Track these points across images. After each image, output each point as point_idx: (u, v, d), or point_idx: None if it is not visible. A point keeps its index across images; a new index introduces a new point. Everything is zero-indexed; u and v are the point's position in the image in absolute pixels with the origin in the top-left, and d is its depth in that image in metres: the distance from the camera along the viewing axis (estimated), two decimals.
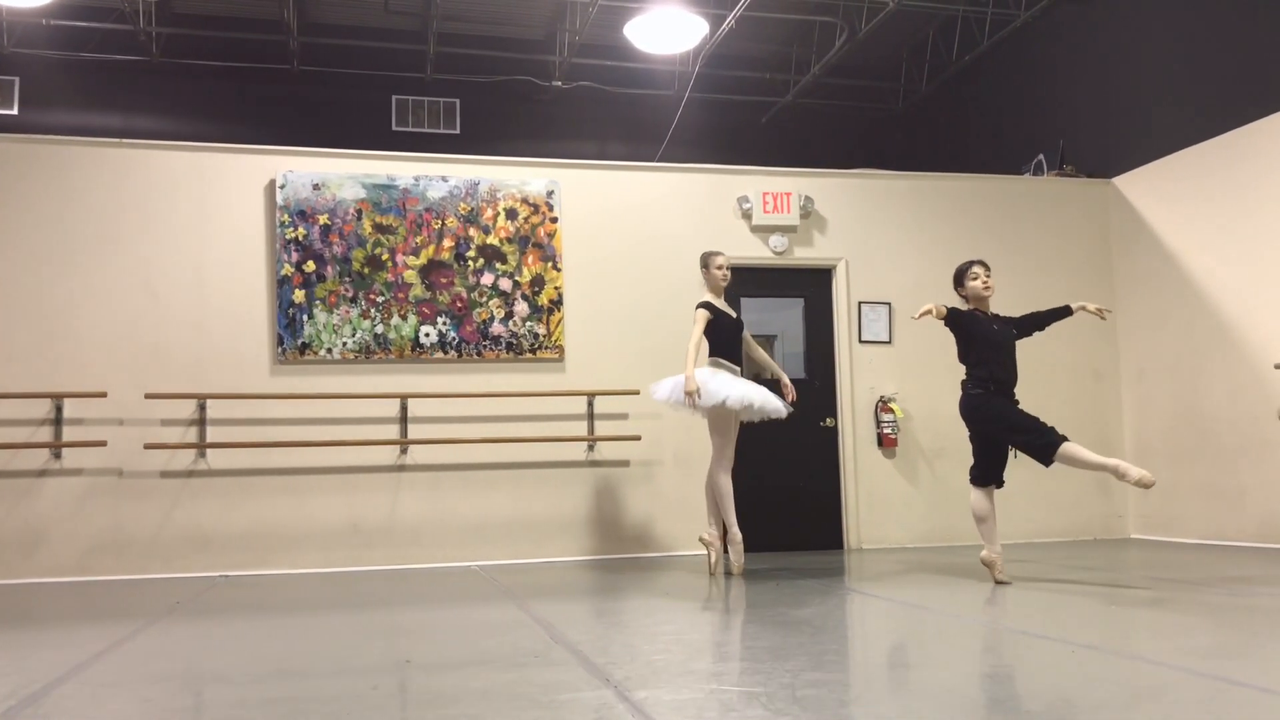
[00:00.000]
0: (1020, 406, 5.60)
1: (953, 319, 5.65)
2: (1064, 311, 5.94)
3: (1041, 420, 5.47)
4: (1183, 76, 8.30)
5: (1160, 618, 4.51)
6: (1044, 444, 5.39)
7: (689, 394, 5.95)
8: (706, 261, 6.52)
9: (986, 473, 5.64)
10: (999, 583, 5.52)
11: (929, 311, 5.51)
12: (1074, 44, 9.63)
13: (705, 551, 6.47)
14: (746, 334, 6.58)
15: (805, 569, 6.57)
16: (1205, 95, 8.06)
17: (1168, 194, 8.25)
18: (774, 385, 6.40)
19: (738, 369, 6.35)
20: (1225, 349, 7.66)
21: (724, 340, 6.33)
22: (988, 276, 5.79)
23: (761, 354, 6.80)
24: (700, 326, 6.21)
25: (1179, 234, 8.15)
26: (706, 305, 6.32)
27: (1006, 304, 8.20)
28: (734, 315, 6.48)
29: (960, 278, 5.85)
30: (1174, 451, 8.09)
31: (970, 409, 5.67)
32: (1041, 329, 5.95)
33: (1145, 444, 8.38)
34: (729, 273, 6.52)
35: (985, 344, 5.64)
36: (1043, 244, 8.60)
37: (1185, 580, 5.64)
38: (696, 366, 6.10)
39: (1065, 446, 5.35)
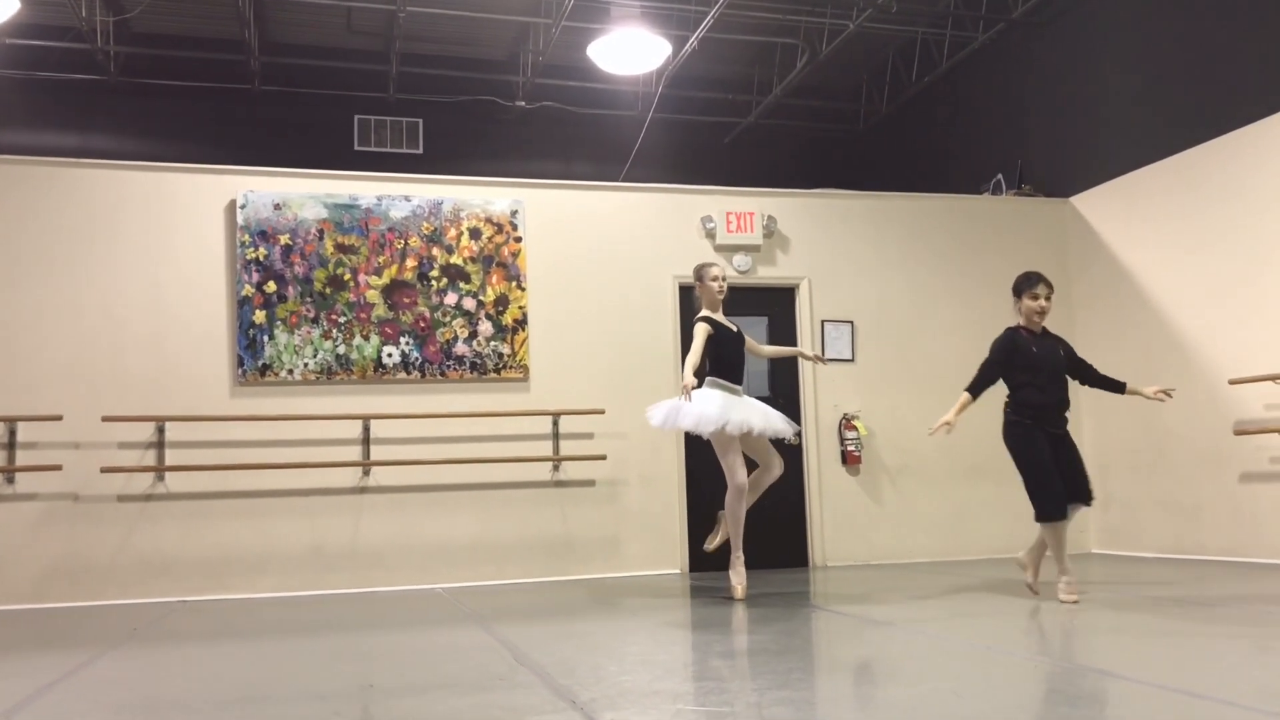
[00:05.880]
0: (1069, 442, 5.45)
1: (994, 354, 5.50)
2: (1118, 387, 5.67)
3: (1058, 485, 5.31)
4: (1137, 97, 8.45)
5: (1122, 631, 4.55)
6: (1044, 505, 5.32)
7: (684, 389, 5.62)
8: (700, 274, 6.14)
9: (1061, 499, 5.29)
10: (1033, 590, 5.44)
11: (946, 425, 5.42)
12: (1031, 66, 9.78)
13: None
14: (749, 340, 6.25)
15: (771, 587, 6.57)
16: (1159, 116, 8.21)
17: (1124, 213, 8.39)
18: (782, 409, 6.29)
19: (740, 388, 6.03)
20: (1181, 365, 7.77)
21: (725, 356, 5.98)
22: (1047, 300, 5.50)
23: (771, 349, 6.70)
24: (700, 341, 5.81)
25: (1135, 252, 8.28)
26: (706, 319, 5.97)
27: (965, 322, 8.32)
28: (734, 329, 6.09)
29: (1019, 291, 5.58)
30: (1133, 466, 8.19)
31: (1008, 437, 5.48)
32: (1085, 384, 5.71)
33: (1105, 459, 8.47)
34: (725, 284, 6.10)
35: (1024, 367, 5.44)
36: (1002, 262, 8.66)
37: (1146, 595, 5.70)
38: (696, 388, 5.82)
39: (1057, 526, 5.29)
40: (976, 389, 5.51)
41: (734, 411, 5.81)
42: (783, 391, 8.21)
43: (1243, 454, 7.28)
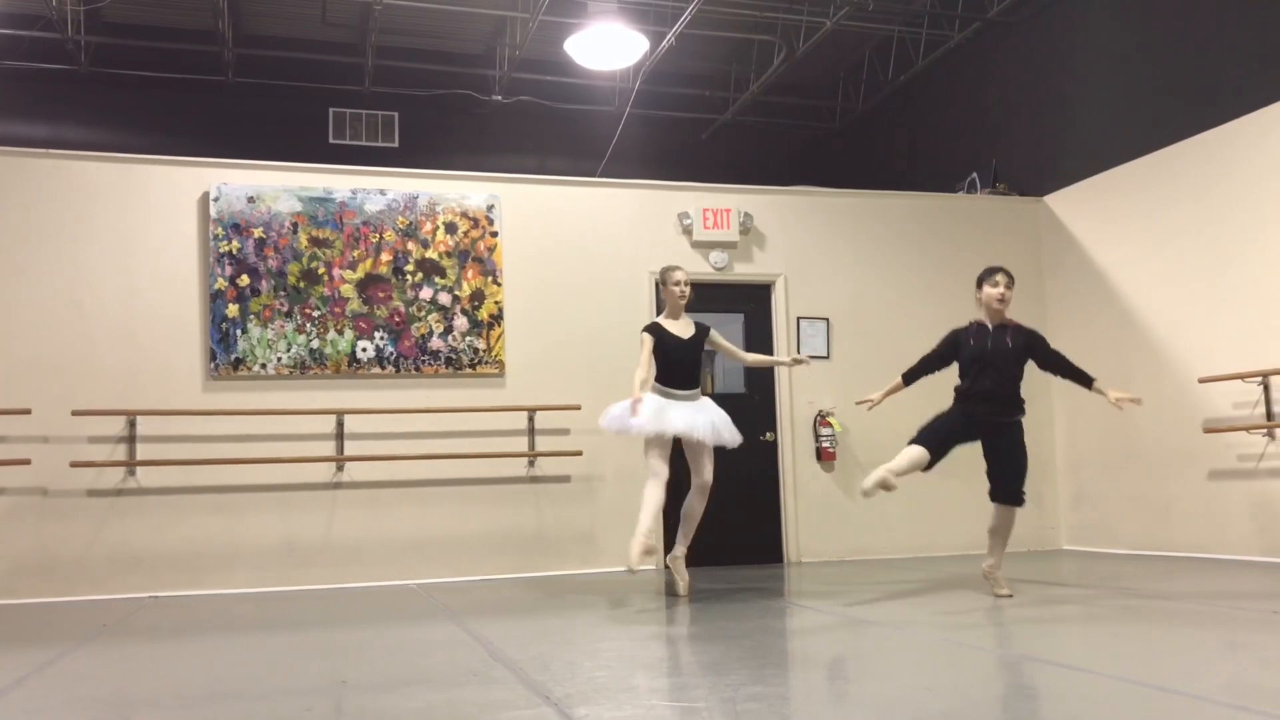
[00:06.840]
0: (1009, 438, 5.49)
1: (935, 345, 5.71)
2: (1086, 381, 5.61)
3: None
4: (1111, 98, 8.52)
5: (1092, 627, 4.60)
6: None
7: (632, 404, 5.69)
8: (664, 278, 6.16)
9: (931, 441, 5.41)
10: (998, 596, 5.46)
11: (870, 401, 5.81)
12: (1006, 66, 9.84)
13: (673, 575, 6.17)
14: (721, 341, 6.19)
15: (745, 583, 6.58)
16: (1133, 117, 8.28)
17: (1096, 211, 8.46)
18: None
19: (691, 393, 5.98)
20: (1152, 363, 7.85)
21: (672, 364, 5.95)
22: (1007, 289, 5.56)
23: (753, 356, 6.65)
24: (645, 350, 5.90)
25: (1107, 251, 8.35)
26: (650, 328, 6.02)
27: (939, 319, 8.33)
28: (686, 336, 6.04)
29: (980, 283, 5.67)
30: (1104, 463, 8.27)
31: None
32: (1057, 375, 5.73)
33: (1077, 456, 8.55)
34: (688, 289, 6.10)
35: (967, 360, 5.57)
36: (976, 260, 8.63)
37: (1116, 589, 5.76)
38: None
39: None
40: (910, 376, 5.79)
41: (667, 418, 5.80)
42: (758, 388, 8.23)
43: (1212, 451, 7.36)
